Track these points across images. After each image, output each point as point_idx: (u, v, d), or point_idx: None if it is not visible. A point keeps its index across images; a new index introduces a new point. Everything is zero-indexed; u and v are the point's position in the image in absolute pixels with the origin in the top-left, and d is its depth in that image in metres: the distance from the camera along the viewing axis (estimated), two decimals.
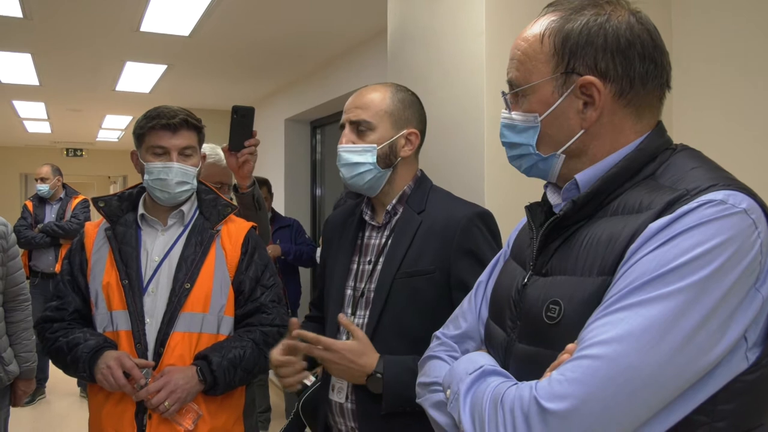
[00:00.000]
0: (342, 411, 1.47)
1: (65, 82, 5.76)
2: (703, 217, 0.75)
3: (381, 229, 1.52)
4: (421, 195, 1.50)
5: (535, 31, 0.93)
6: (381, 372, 1.35)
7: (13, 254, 2.37)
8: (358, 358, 1.36)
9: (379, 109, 1.47)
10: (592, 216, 0.89)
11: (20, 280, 2.40)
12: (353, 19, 3.76)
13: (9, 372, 2.30)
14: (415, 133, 1.50)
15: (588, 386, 0.73)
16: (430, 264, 1.41)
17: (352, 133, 1.47)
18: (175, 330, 1.67)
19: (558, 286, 0.87)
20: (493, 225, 1.47)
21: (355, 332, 1.38)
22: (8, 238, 2.33)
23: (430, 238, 1.43)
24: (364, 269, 1.50)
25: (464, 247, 1.40)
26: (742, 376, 0.77)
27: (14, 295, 2.37)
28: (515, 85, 0.95)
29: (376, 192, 1.50)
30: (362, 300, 1.48)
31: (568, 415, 0.73)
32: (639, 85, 0.89)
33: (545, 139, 0.93)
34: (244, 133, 1.90)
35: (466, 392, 0.88)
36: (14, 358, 2.34)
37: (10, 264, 2.35)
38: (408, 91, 1.55)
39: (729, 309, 0.74)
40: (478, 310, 1.09)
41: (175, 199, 1.76)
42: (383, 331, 1.41)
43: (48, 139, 10.16)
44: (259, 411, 4.27)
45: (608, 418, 0.72)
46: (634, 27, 0.89)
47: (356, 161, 1.45)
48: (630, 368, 0.72)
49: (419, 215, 1.47)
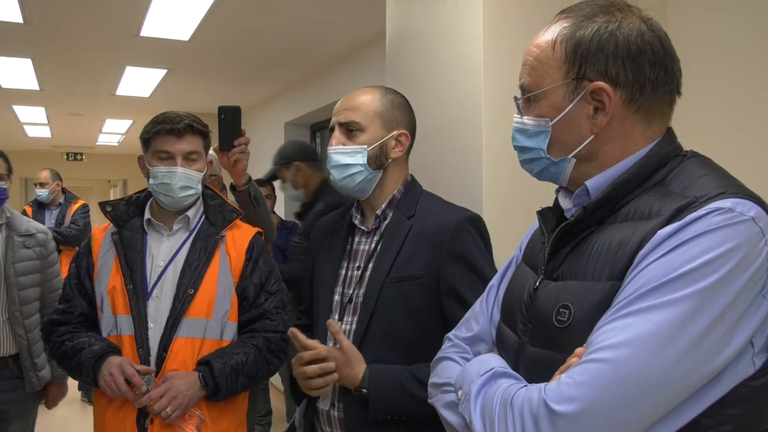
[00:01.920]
0: (329, 419, 1.45)
1: (65, 87, 5.78)
2: (711, 224, 0.76)
3: (370, 234, 1.51)
4: (411, 199, 1.50)
5: (548, 37, 0.94)
6: (366, 387, 1.35)
7: (52, 261, 2.46)
8: (340, 368, 1.37)
9: (369, 110, 1.47)
10: (603, 222, 0.90)
11: (58, 287, 2.46)
12: (352, 23, 3.77)
13: (41, 377, 2.38)
14: (405, 134, 1.50)
15: (596, 389, 0.74)
16: (420, 269, 1.40)
17: (342, 135, 1.47)
18: (178, 335, 1.67)
19: (568, 290, 0.89)
20: (484, 230, 1.47)
21: (341, 341, 1.38)
22: (48, 246, 2.43)
23: (420, 243, 1.42)
24: (353, 275, 1.49)
25: (454, 252, 1.39)
26: (748, 381, 0.78)
27: (52, 301, 2.42)
28: (527, 91, 0.96)
29: (366, 194, 1.49)
30: (350, 306, 1.46)
31: (576, 417, 0.74)
32: (649, 91, 0.90)
33: (556, 143, 0.94)
34: (232, 133, 1.93)
35: (477, 393, 0.89)
36: (47, 364, 2.42)
37: (48, 271, 2.44)
38: (397, 93, 1.55)
39: (736, 315, 0.75)
40: (490, 313, 1.10)
41: (178, 203, 1.76)
42: (372, 337, 1.40)
43: (48, 144, 10.17)
44: (260, 415, 4.27)
45: (615, 421, 0.73)
46: (645, 34, 0.90)
47: (347, 162, 1.45)
48: (637, 372, 0.73)
49: (409, 220, 1.46)
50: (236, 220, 1.84)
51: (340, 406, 1.43)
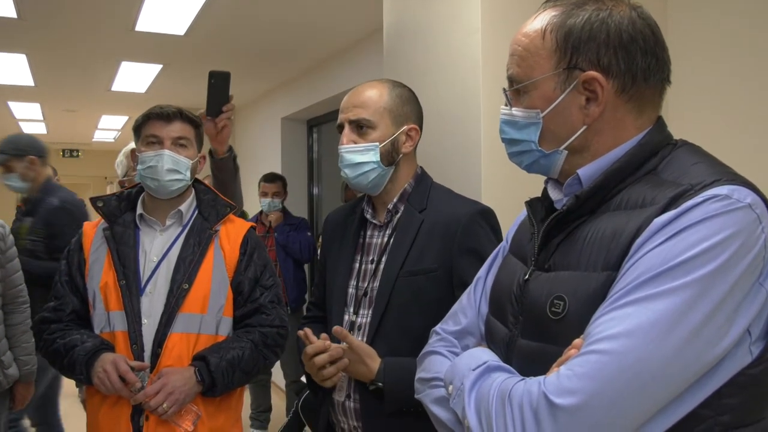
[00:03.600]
0: (344, 409, 1.46)
1: (60, 83, 5.74)
2: (708, 211, 0.75)
3: (383, 228, 1.51)
4: (422, 193, 1.50)
5: (536, 26, 0.92)
6: (381, 381, 1.36)
7: (11, 256, 2.33)
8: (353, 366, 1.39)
9: (379, 106, 1.45)
10: (595, 211, 0.89)
11: (19, 282, 2.38)
12: (349, 17, 3.74)
13: (8, 375, 2.27)
14: (414, 128, 1.50)
15: (597, 381, 0.73)
16: (432, 262, 1.41)
17: (352, 133, 1.46)
18: (173, 331, 1.66)
19: (562, 281, 0.87)
20: (495, 222, 1.47)
21: (351, 343, 1.38)
22: (6, 240, 2.29)
23: (432, 237, 1.42)
24: (367, 268, 1.50)
25: (466, 246, 1.40)
26: (746, 370, 0.78)
27: (13, 297, 2.34)
28: (516, 81, 0.95)
29: (379, 190, 1.50)
30: (365, 299, 1.47)
31: (577, 410, 0.73)
32: (641, 80, 0.89)
33: (547, 135, 0.93)
34: (221, 99, 1.94)
35: (471, 388, 0.88)
36: (14, 362, 2.31)
37: (8, 266, 2.31)
38: (404, 86, 1.54)
39: (734, 303, 0.74)
40: (477, 306, 1.09)
41: (165, 188, 1.73)
42: (386, 329, 1.41)
43: (44, 140, 10.10)
44: (259, 410, 4.28)
45: (617, 412, 0.73)
46: (636, 22, 0.89)
47: (360, 161, 1.44)
48: (638, 363, 0.72)
49: (420, 214, 1.46)
50: (230, 214, 1.83)
51: (355, 397, 1.44)
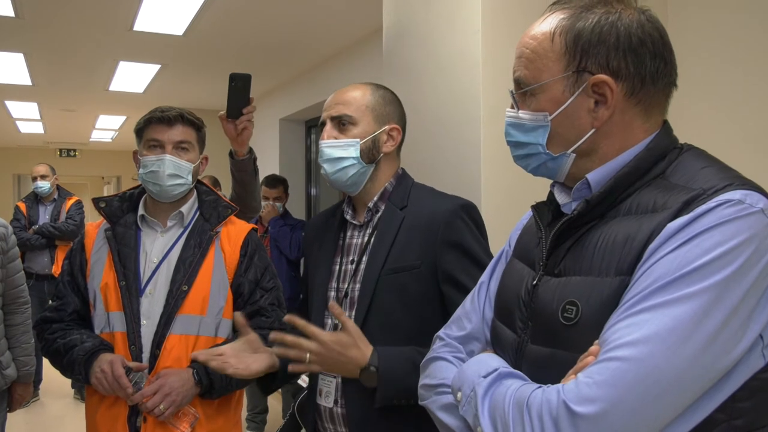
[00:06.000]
0: (332, 416, 1.44)
1: (58, 82, 5.73)
2: (722, 216, 0.75)
3: (363, 228, 1.50)
4: (403, 191, 1.49)
5: (545, 29, 0.92)
6: (375, 365, 1.30)
7: (13, 256, 2.32)
8: (346, 350, 1.30)
9: (361, 104, 1.46)
10: (604, 215, 0.89)
11: (20, 283, 2.36)
12: (348, 18, 3.74)
13: (6, 376, 2.25)
14: (396, 129, 1.50)
15: (617, 389, 0.72)
16: (415, 258, 1.39)
17: (334, 129, 1.46)
18: (172, 332, 1.66)
19: (573, 286, 0.87)
20: (478, 216, 1.46)
21: (345, 323, 1.33)
22: (8, 240, 2.29)
23: (413, 233, 1.41)
24: (347, 269, 1.48)
25: (450, 240, 1.39)
26: (759, 374, 0.78)
27: (14, 298, 2.33)
28: (524, 84, 0.94)
29: (358, 189, 1.48)
30: (346, 300, 1.45)
31: (598, 418, 0.73)
32: (649, 83, 0.89)
33: (555, 138, 0.92)
34: (241, 100, 1.94)
35: (484, 395, 0.87)
36: (12, 362, 2.29)
37: (9, 266, 2.30)
38: (387, 89, 1.55)
39: (749, 308, 0.74)
40: (482, 311, 1.08)
41: (167, 192, 1.73)
42: (370, 329, 1.38)
43: (41, 140, 10.11)
44: (255, 412, 4.27)
45: (637, 420, 0.72)
46: (645, 25, 0.89)
47: (339, 156, 1.44)
48: (657, 370, 0.72)
49: (401, 211, 1.45)
50: (231, 216, 1.82)
51: (342, 402, 1.42)
